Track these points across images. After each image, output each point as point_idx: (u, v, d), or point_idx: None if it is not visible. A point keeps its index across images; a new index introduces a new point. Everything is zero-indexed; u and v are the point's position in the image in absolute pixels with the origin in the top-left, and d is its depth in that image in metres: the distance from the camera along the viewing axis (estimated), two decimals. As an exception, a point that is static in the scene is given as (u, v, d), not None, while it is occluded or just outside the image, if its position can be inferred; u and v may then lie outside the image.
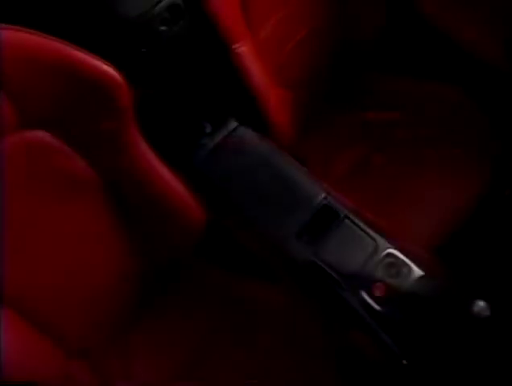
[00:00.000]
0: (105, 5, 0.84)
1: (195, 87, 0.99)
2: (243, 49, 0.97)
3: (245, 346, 0.97)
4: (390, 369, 0.82)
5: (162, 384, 0.95)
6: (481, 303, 0.78)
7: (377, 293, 0.84)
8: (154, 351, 0.99)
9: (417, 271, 0.86)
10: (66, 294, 0.88)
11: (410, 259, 0.87)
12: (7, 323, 0.77)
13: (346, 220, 0.91)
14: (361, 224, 0.91)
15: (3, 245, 0.77)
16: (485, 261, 0.98)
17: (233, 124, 1.01)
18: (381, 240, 0.89)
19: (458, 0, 1.15)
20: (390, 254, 0.87)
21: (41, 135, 0.77)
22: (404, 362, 0.79)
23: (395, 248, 0.88)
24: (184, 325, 1.02)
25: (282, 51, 1.13)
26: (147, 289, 1.01)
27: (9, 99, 0.71)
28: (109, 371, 0.95)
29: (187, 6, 0.90)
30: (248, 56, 0.98)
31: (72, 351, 0.89)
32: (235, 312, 1.01)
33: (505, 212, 1.06)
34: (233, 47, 0.96)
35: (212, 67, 0.98)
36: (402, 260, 0.87)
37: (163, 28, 0.88)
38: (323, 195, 0.94)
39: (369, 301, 0.84)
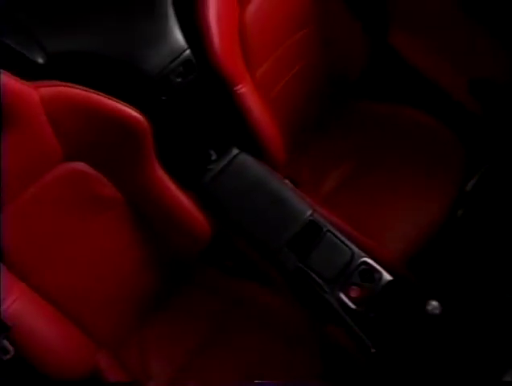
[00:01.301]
0: (133, 64, 0.99)
1: (203, 122, 1.12)
2: (244, 90, 1.09)
3: (243, 345, 1.06)
4: (362, 357, 0.94)
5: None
6: (434, 303, 0.91)
7: (353, 295, 0.96)
8: (165, 344, 1.09)
9: (386, 276, 0.98)
10: (95, 295, 1.01)
11: (381, 266, 0.99)
12: (53, 319, 0.93)
13: (328, 233, 1.03)
14: (341, 237, 1.02)
15: (51, 252, 0.92)
16: (441, 269, 1.10)
17: (235, 151, 1.13)
18: (357, 250, 1.00)
19: (429, 46, 1.27)
20: (364, 262, 0.99)
21: (80, 165, 0.93)
22: (373, 350, 0.91)
23: (369, 257, 1.00)
24: (187, 323, 1.11)
25: (276, 86, 1.25)
26: (158, 292, 1.12)
27: (57, 137, 0.88)
28: (129, 361, 1.07)
29: (197, 59, 1.04)
30: (248, 96, 1.10)
31: (100, 343, 1.02)
32: (234, 312, 1.11)
33: (458, 231, 1.17)
34: (235, 88, 1.08)
35: (218, 106, 1.11)
36: (375, 267, 0.99)
37: (178, 80, 1.02)
38: (309, 211, 1.05)
39: (346, 301, 0.95)
